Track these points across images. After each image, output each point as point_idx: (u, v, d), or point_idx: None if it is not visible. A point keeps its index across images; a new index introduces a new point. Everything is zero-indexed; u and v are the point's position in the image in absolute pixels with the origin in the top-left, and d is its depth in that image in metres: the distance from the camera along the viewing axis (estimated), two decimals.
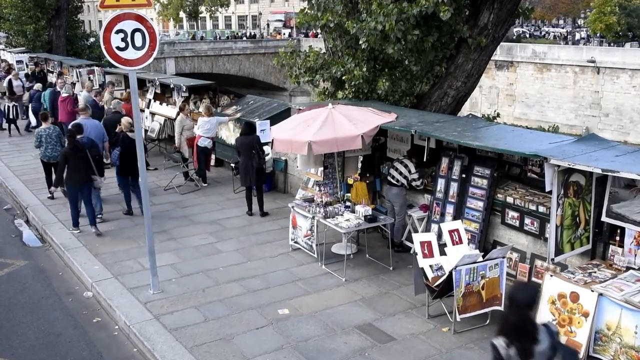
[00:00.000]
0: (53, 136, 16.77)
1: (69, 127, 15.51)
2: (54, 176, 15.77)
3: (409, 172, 12.79)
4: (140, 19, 10.47)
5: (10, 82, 29.11)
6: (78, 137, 14.66)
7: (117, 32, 10.32)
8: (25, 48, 38.40)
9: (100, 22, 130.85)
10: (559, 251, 9.73)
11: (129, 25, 10.38)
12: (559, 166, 9.21)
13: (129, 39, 10.41)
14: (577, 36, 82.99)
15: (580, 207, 9.85)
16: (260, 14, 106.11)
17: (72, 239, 14.20)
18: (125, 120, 16.02)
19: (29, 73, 32.34)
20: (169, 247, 13.57)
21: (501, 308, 10.01)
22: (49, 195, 16.89)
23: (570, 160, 9.13)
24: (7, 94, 29.39)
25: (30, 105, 25.27)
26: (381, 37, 13.62)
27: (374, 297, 11.21)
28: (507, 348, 5.94)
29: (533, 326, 6.01)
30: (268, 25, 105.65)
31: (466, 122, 13.31)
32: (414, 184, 12.91)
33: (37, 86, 26.42)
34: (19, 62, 36.36)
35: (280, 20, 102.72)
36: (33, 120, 24.75)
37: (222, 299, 11.22)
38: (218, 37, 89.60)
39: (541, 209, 10.94)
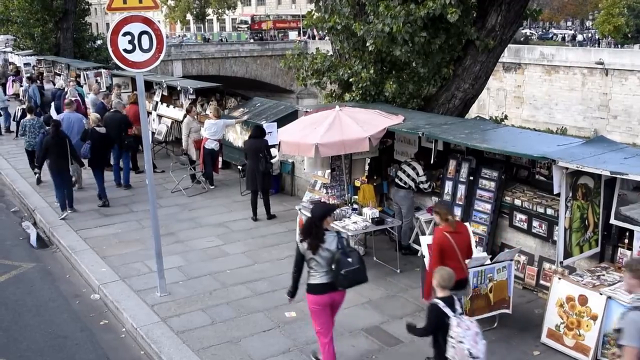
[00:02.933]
0: (36, 126, 19.27)
1: (54, 119, 17.72)
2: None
3: (417, 174, 12.75)
4: (147, 21, 10.47)
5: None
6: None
7: (125, 34, 10.33)
8: (33, 51, 38.42)
9: (108, 24, 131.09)
10: (567, 254, 9.70)
11: (136, 28, 10.38)
12: (567, 168, 9.17)
13: (136, 42, 10.40)
14: (580, 37, 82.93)
15: (589, 210, 9.82)
16: (268, 16, 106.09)
17: (79, 241, 14.21)
18: (93, 115, 17.75)
19: (30, 76, 32.24)
20: (176, 250, 13.57)
21: (509, 311, 10.01)
22: (36, 172, 18.90)
23: (578, 162, 9.10)
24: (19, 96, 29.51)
25: (53, 103, 25.38)
26: (388, 39, 13.58)
27: (381, 300, 11.18)
28: (301, 243, 8.47)
29: (320, 230, 8.39)
30: (237, 28, 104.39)
31: (474, 124, 13.27)
32: (421, 186, 12.87)
33: (60, 84, 26.58)
34: (27, 64, 36.39)
35: (246, 22, 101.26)
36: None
37: (229, 301, 11.22)
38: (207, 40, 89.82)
39: (549, 211, 10.90)
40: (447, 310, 7.44)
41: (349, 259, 8.31)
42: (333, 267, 8.32)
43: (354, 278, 8.38)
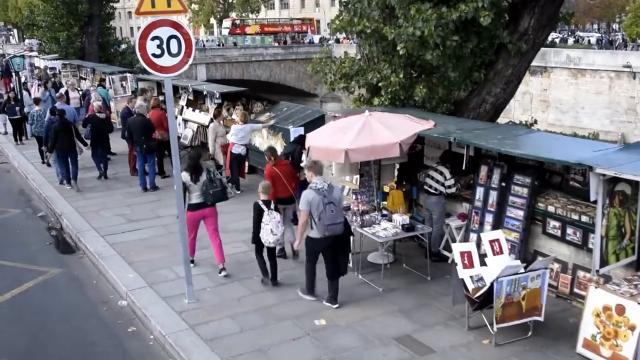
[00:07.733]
0: (42, 116, 22.46)
1: (58, 108, 20.09)
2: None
3: (445, 178, 12.58)
4: (175, 25, 10.42)
5: (67, 93, 28.64)
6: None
7: (153, 39, 10.27)
8: (58, 55, 38.62)
9: (132, 28, 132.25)
10: (603, 262, 9.51)
11: (164, 32, 10.32)
12: (604, 175, 8.97)
13: (164, 46, 10.34)
14: (592, 40, 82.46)
15: (626, 217, 9.62)
16: (292, 19, 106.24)
17: (106, 247, 14.18)
18: (95, 103, 21.41)
19: (46, 82, 32.29)
20: (203, 256, 13.41)
21: (541, 318, 9.80)
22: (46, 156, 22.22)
23: (616, 169, 8.89)
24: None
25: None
26: (419, 43, 13.43)
27: (412, 308, 11.00)
28: (186, 175, 12.04)
29: (198, 167, 12.27)
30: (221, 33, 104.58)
31: (506, 130, 13.11)
32: (449, 191, 12.68)
33: (86, 85, 26.90)
34: (52, 69, 36.55)
35: (226, 28, 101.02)
36: None
37: (258, 308, 11.10)
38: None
39: (584, 218, 10.69)
40: (264, 207, 11.65)
41: (214, 184, 12.23)
42: (204, 189, 12.15)
43: (217, 196, 12.33)
